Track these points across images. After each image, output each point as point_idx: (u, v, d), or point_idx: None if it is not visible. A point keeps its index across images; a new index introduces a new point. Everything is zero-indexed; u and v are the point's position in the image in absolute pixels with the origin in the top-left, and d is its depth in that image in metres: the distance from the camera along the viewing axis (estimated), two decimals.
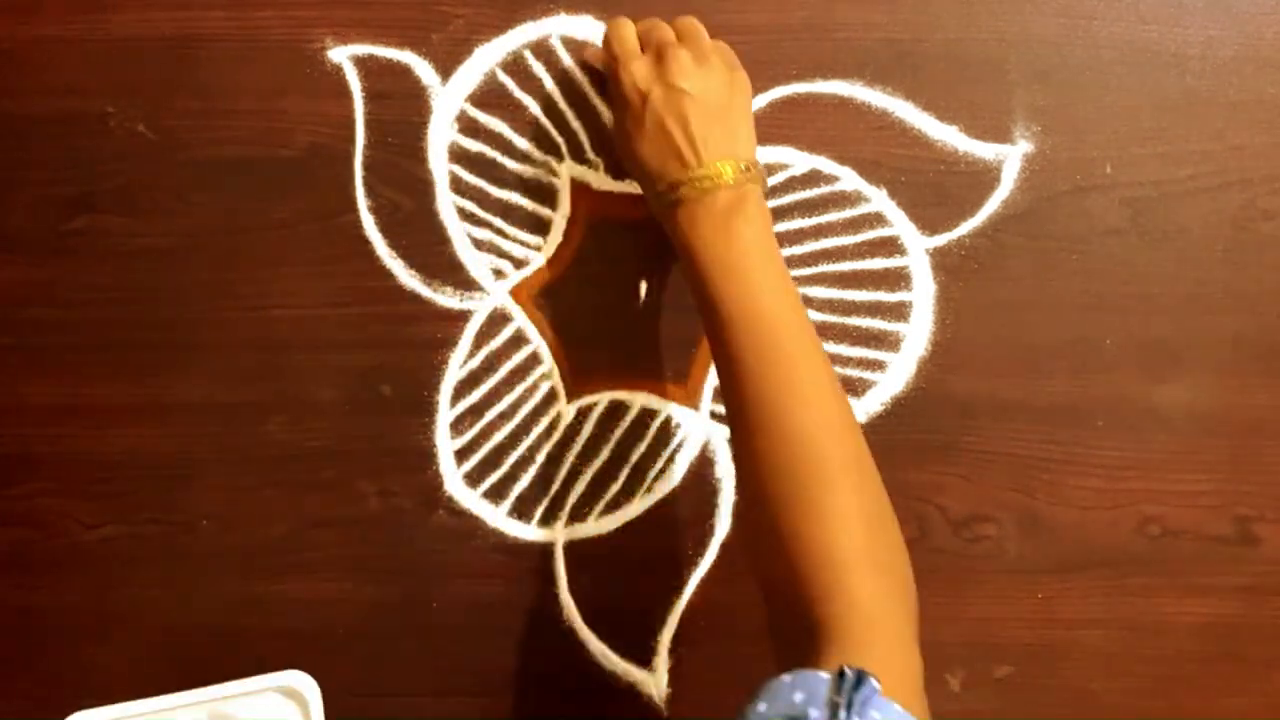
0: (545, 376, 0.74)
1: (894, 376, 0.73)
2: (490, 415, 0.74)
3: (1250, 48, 0.70)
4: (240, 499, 0.74)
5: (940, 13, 0.70)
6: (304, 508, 0.74)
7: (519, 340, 0.73)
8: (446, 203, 0.72)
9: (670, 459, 0.74)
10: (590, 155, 0.72)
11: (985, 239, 0.71)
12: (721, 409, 0.72)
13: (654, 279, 0.73)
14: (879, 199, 0.71)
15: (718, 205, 0.61)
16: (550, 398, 0.74)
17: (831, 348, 0.72)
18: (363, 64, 0.71)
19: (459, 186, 0.72)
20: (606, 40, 0.67)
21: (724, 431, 0.73)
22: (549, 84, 0.71)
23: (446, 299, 0.73)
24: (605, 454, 0.74)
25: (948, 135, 0.71)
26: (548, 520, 0.74)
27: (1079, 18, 0.70)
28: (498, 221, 0.72)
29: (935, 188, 0.71)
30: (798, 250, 0.72)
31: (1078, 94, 0.70)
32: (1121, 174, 0.71)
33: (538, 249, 0.73)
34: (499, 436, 0.74)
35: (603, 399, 0.74)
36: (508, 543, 0.74)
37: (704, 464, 0.74)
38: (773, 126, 0.71)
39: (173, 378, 0.73)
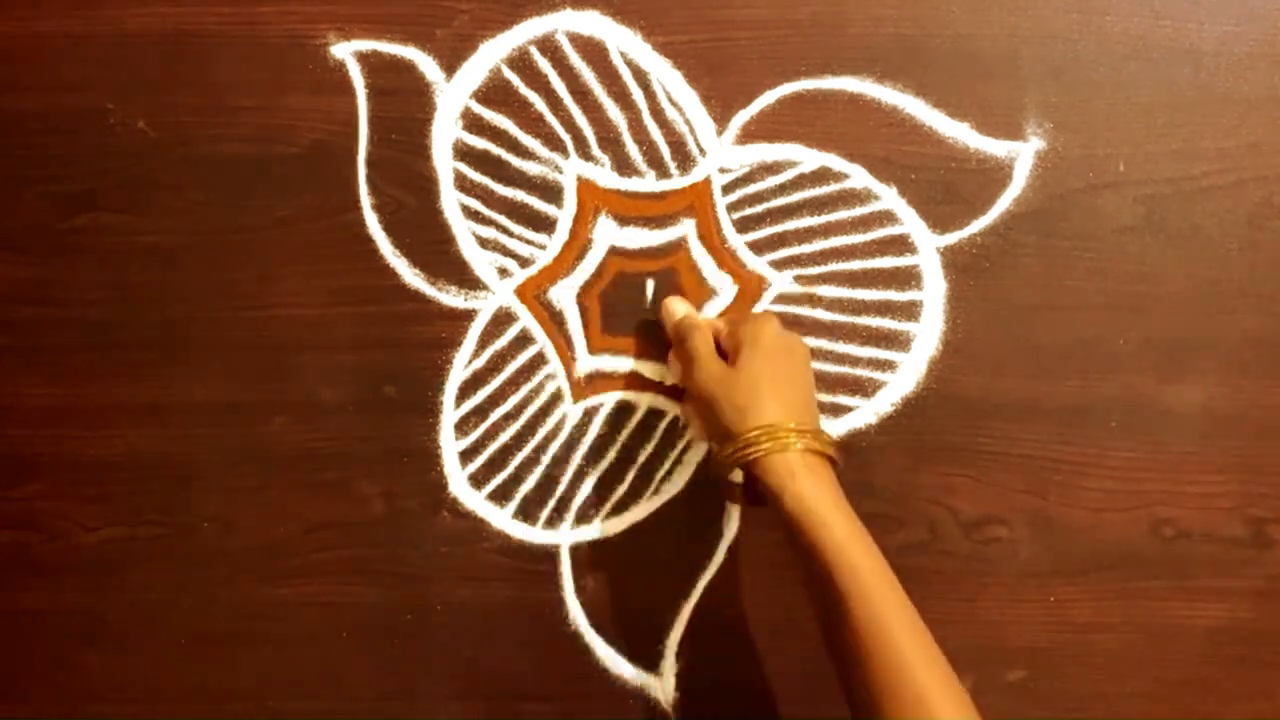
0: (551, 376, 0.73)
1: (905, 376, 0.72)
2: (495, 416, 0.73)
3: (1266, 43, 0.69)
4: (242, 501, 0.74)
5: (951, 8, 0.69)
6: (307, 510, 0.74)
7: (524, 340, 0.73)
8: (451, 200, 0.71)
9: (678, 460, 0.73)
10: (596, 152, 0.71)
11: (997, 237, 0.71)
12: None
13: (661, 277, 0.72)
14: (889, 197, 0.71)
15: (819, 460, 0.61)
16: (556, 398, 0.73)
17: (841, 347, 0.72)
18: (366, 60, 0.70)
19: (463, 184, 0.71)
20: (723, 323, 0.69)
21: None
22: (555, 80, 0.70)
23: (451, 298, 0.72)
24: (612, 455, 0.73)
25: (959, 132, 0.70)
26: (553, 522, 0.74)
27: (1092, 13, 0.69)
28: (502, 219, 0.72)
29: (946, 185, 0.70)
30: (807, 249, 0.71)
31: (1091, 90, 0.69)
32: (1135, 171, 0.70)
33: (543, 247, 0.72)
34: (504, 437, 0.73)
35: (609, 399, 0.73)
36: (513, 545, 0.74)
37: None
38: (781, 123, 0.70)
39: (174, 378, 0.73)
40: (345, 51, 0.70)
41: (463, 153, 0.71)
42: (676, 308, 0.70)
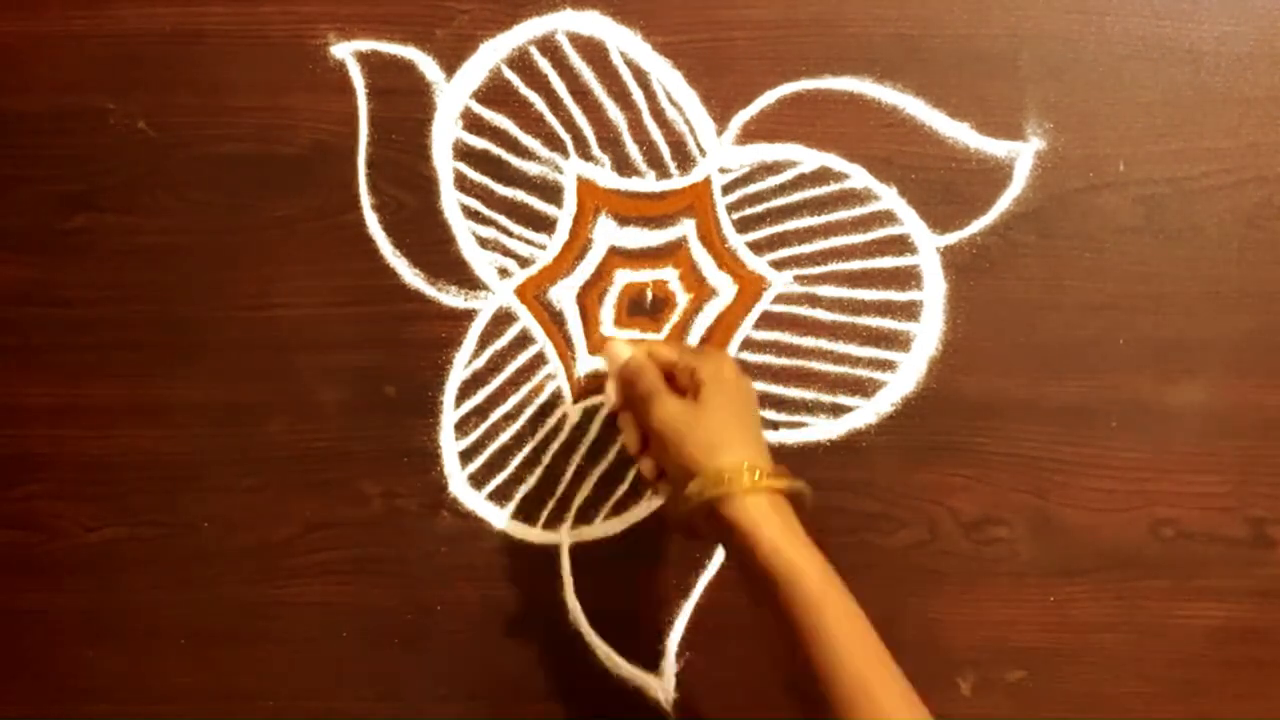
0: (551, 376, 0.73)
1: (905, 376, 0.72)
2: (495, 416, 0.73)
3: (1266, 43, 0.69)
4: (242, 501, 0.74)
5: (951, 7, 0.69)
6: (307, 510, 0.74)
7: (524, 340, 0.73)
8: (451, 200, 0.71)
9: None
10: (596, 152, 0.71)
11: (997, 237, 0.71)
12: None
13: (661, 277, 0.72)
14: (889, 197, 0.71)
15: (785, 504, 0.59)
16: (556, 398, 0.73)
17: (841, 347, 0.72)
18: (366, 60, 0.70)
19: (463, 184, 0.71)
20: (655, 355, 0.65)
21: None
22: (555, 80, 0.70)
23: (451, 298, 0.72)
24: (611, 455, 0.73)
25: (959, 132, 0.70)
26: (553, 522, 0.74)
27: (1092, 13, 0.69)
28: (502, 219, 0.72)
29: (946, 185, 0.70)
30: (807, 249, 0.71)
31: (1091, 90, 0.69)
32: (1135, 171, 0.70)
33: (543, 247, 0.72)
34: (504, 437, 0.73)
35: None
36: (513, 545, 0.74)
37: None
38: (781, 123, 0.70)
39: (174, 378, 0.73)
40: (345, 51, 0.70)
41: (463, 153, 0.71)
42: (621, 350, 0.66)
